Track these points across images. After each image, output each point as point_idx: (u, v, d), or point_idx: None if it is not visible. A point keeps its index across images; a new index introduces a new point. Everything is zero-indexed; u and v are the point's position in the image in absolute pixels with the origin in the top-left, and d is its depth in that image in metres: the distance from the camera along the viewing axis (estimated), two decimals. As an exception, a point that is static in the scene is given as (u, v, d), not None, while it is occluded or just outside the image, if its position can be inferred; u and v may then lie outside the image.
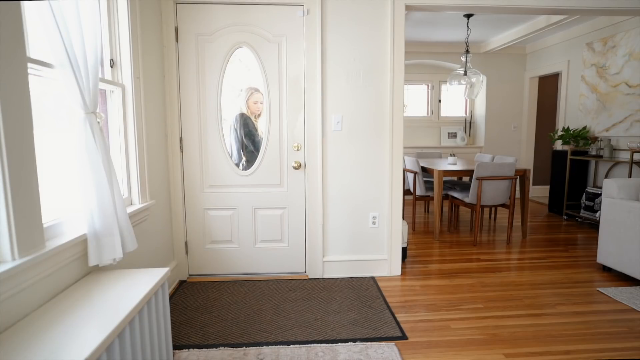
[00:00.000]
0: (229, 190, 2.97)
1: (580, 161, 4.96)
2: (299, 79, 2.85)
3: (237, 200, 2.98)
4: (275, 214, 3.01)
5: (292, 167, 2.92)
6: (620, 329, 2.22)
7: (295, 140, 2.92)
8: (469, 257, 3.50)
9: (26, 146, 1.29)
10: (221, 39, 2.81)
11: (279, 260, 3.05)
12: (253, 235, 3.02)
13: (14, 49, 1.23)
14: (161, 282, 1.63)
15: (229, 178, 2.95)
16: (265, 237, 3.03)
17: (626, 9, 3.04)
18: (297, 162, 2.90)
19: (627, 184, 2.99)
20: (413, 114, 6.65)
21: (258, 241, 3.03)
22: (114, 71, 2.19)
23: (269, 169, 2.95)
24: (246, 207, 2.99)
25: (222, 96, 2.88)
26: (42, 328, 1.20)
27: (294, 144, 2.91)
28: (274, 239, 3.03)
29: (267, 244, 3.04)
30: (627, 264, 2.85)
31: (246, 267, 3.04)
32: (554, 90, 6.44)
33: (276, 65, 2.85)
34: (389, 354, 1.96)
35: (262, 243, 3.03)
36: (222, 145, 2.91)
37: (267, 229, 3.02)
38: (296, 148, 2.91)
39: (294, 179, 2.96)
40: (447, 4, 2.86)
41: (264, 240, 3.03)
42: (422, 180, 4.47)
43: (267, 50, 2.84)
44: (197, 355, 1.96)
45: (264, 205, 2.99)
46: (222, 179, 2.96)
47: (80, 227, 1.63)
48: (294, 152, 2.92)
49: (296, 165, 2.89)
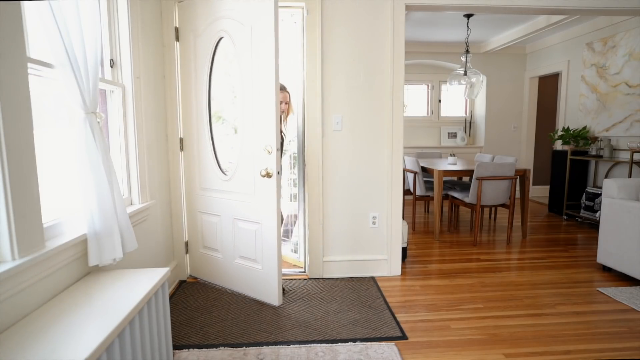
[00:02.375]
0: (212, 195, 2.74)
1: (580, 161, 4.96)
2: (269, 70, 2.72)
3: (220, 207, 2.71)
4: (250, 229, 2.56)
5: (260, 175, 2.40)
6: (620, 329, 2.22)
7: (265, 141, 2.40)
8: (469, 257, 3.50)
9: (26, 146, 1.29)
10: (206, 31, 2.59)
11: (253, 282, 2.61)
12: (233, 249, 2.69)
13: (14, 49, 1.23)
14: (161, 282, 1.63)
15: (214, 182, 2.72)
16: (242, 253, 2.64)
17: (626, 9, 3.04)
18: (266, 170, 2.39)
19: (627, 184, 2.99)
20: (413, 114, 6.65)
21: (237, 257, 2.68)
22: (114, 71, 2.19)
23: (244, 174, 2.54)
24: (228, 216, 2.68)
25: (212, 92, 2.67)
26: (42, 328, 1.20)
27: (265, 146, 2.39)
28: (250, 258, 2.61)
29: (245, 261, 2.64)
30: (627, 264, 2.84)
31: (227, 281, 2.76)
32: (554, 90, 6.44)
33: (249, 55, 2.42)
34: (389, 354, 1.96)
35: (240, 259, 2.67)
36: (210, 145, 2.70)
37: (244, 244, 2.62)
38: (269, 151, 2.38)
39: (264, 190, 2.46)
40: (447, 4, 2.86)
41: (242, 257, 2.65)
42: (422, 180, 4.46)
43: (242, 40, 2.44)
44: (197, 355, 1.96)
45: (241, 217, 2.61)
46: (210, 182, 2.75)
47: (80, 227, 1.63)
48: (266, 157, 2.39)
49: (264, 174, 2.38)
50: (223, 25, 2.52)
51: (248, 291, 2.66)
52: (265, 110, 2.38)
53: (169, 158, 2.83)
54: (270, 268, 2.50)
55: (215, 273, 2.83)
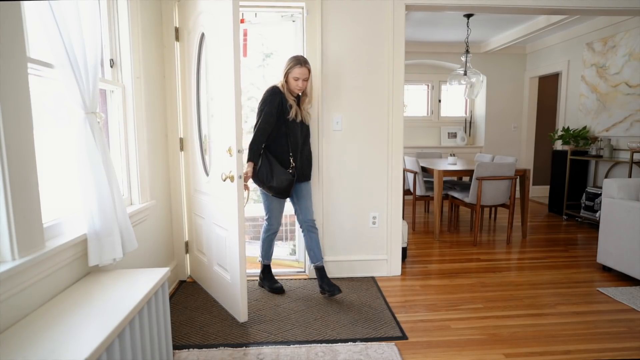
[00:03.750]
0: (200, 197, 2.67)
1: (580, 161, 4.96)
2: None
3: (205, 209, 2.61)
4: (222, 235, 2.39)
5: (221, 178, 2.21)
6: (620, 329, 2.22)
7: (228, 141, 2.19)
8: (469, 257, 3.50)
9: (26, 146, 1.29)
10: (193, 29, 2.53)
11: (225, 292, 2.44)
12: (212, 255, 2.57)
13: (14, 49, 1.23)
14: (161, 282, 1.63)
15: (201, 183, 2.64)
16: (218, 260, 2.48)
17: (626, 9, 3.04)
18: (226, 174, 2.19)
19: (627, 184, 2.99)
20: (413, 114, 6.65)
21: (214, 263, 2.54)
22: (114, 71, 2.19)
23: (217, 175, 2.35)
24: (209, 220, 2.55)
25: (201, 90, 2.59)
26: (42, 328, 1.20)
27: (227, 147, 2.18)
28: (223, 267, 2.43)
29: (220, 269, 2.48)
30: (627, 264, 2.84)
31: (210, 287, 2.66)
32: (554, 90, 6.44)
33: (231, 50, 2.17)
34: (389, 354, 1.96)
35: (217, 267, 2.51)
36: (198, 145, 2.63)
37: (218, 251, 2.47)
38: (229, 153, 2.17)
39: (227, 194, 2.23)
40: (447, 4, 2.86)
41: (218, 265, 2.49)
42: (422, 180, 4.46)
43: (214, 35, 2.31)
44: (197, 355, 1.96)
45: (216, 222, 2.45)
46: (198, 184, 2.69)
47: (80, 227, 1.63)
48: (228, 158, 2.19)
49: (224, 177, 2.19)
50: (202, 19, 2.39)
51: (223, 301, 2.49)
52: (226, 107, 2.17)
53: (169, 158, 2.83)
54: (235, 279, 2.27)
55: (203, 277, 2.77)
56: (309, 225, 2.66)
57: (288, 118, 2.47)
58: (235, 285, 2.29)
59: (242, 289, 2.24)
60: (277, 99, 2.46)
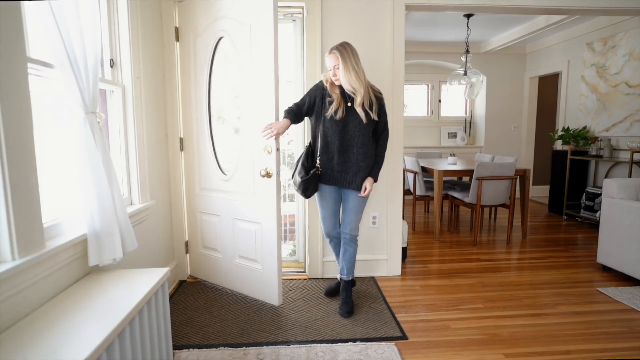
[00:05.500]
0: (212, 195, 2.74)
1: (580, 161, 4.96)
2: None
3: (220, 206, 2.70)
4: (250, 229, 2.55)
5: (260, 175, 2.37)
6: (620, 329, 2.22)
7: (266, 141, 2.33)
8: (469, 257, 3.50)
9: (26, 146, 1.29)
10: (206, 32, 2.60)
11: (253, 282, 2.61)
12: (233, 249, 2.68)
13: (14, 49, 1.23)
14: (161, 282, 1.63)
15: (214, 182, 2.72)
16: (242, 253, 2.64)
17: (626, 9, 3.04)
18: (266, 170, 2.35)
19: (627, 184, 2.99)
20: (413, 114, 6.65)
21: (237, 256, 2.68)
22: (114, 71, 2.19)
23: (244, 174, 2.53)
24: (227, 216, 2.67)
25: (212, 92, 2.67)
26: (42, 328, 1.20)
27: (265, 146, 2.35)
28: (250, 258, 2.60)
29: (244, 261, 2.64)
30: (627, 264, 2.84)
31: (227, 281, 2.76)
32: (554, 90, 6.44)
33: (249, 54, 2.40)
34: (389, 354, 1.96)
35: (240, 259, 2.66)
36: (210, 145, 2.70)
37: (244, 244, 2.61)
38: (268, 151, 2.34)
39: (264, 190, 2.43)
40: (447, 4, 2.86)
41: (242, 257, 2.65)
42: (422, 180, 4.46)
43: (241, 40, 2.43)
44: (197, 355, 1.96)
45: (241, 217, 2.60)
46: (210, 182, 2.75)
47: (80, 227, 1.63)
48: (266, 156, 2.36)
49: (264, 174, 2.34)
50: (222, 25, 2.51)
51: (247, 291, 2.65)
52: (265, 110, 2.34)
53: (169, 158, 2.83)
54: (271, 268, 2.48)
55: (215, 273, 2.83)
56: (344, 238, 2.45)
57: (326, 116, 2.26)
58: (270, 272, 2.49)
59: (279, 275, 2.46)
60: (315, 93, 2.31)
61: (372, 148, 2.33)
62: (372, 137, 2.33)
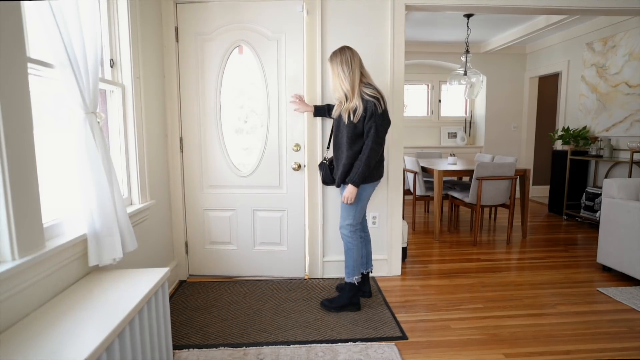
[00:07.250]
0: (225, 192, 2.94)
1: (580, 161, 4.96)
2: (298, 78, 2.83)
3: (236, 201, 2.95)
4: (274, 217, 2.96)
5: (292, 168, 2.86)
6: (620, 329, 2.22)
7: (295, 140, 2.86)
8: (469, 257, 3.50)
9: (26, 146, 1.29)
10: (220, 37, 2.78)
11: (277, 263, 3.01)
12: (252, 238, 2.99)
13: (14, 49, 1.23)
14: (161, 282, 1.63)
15: (227, 179, 2.93)
16: (264, 239, 2.99)
17: (626, 9, 3.04)
18: (297, 163, 2.84)
19: (627, 184, 2.99)
20: (413, 114, 6.65)
21: (257, 243, 3.00)
22: (114, 71, 2.19)
23: (268, 170, 2.90)
24: (245, 209, 2.96)
25: (222, 95, 2.86)
26: (43, 328, 1.20)
27: (294, 144, 2.85)
28: (273, 242, 2.99)
29: (266, 246, 3.00)
30: (627, 264, 2.85)
31: (245, 269, 3.02)
32: (554, 90, 6.44)
33: (275, 63, 2.81)
34: (389, 354, 1.96)
35: (261, 245, 3.00)
36: (220, 145, 2.88)
37: (265, 232, 2.98)
38: (296, 148, 2.84)
39: (293, 181, 2.90)
40: (447, 4, 2.86)
41: (263, 243, 3.00)
42: (422, 180, 4.46)
43: (266, 48, 2.79)
44: (197, 355, 1.96)
45: (263, 207, 2.95)
46: (221, 180, 2.93)
47: (80, 227, 1.63)
48: (294, 153, 2.86)
49: (295, 167, 2.84)
50: (243, 34, 2.78)
51: (270, 272, 3.01)
52: (295, 115, 2.83)
53: (168, 158, 2.84)
54: (297, 246, 2.96)
55: (226, 265, 3.01)
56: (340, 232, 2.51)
57: (333, 116, 2.50)
58: (296, 249, 2.97)
59: (306, 251, 2.97)
60: None
61: (359, 152, 2.33)
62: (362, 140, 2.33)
